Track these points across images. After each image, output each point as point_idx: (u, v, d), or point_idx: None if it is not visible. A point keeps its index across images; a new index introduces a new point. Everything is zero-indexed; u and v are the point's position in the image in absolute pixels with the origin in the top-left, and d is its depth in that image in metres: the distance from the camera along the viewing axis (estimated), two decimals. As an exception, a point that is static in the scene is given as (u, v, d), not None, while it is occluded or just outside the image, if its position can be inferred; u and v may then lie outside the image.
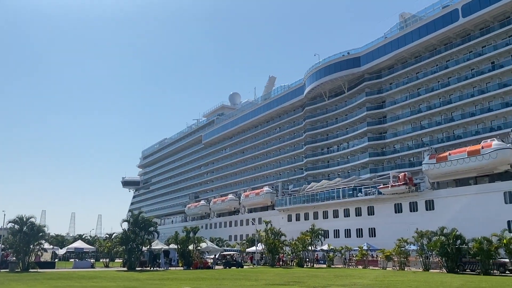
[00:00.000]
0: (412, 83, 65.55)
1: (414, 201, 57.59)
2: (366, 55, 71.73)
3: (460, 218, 48.75)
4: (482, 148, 48.99)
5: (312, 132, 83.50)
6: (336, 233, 68.70)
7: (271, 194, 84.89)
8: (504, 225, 43.45)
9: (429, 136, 61.95)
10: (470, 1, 56.38)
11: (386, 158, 67.78)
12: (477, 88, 57.17)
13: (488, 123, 55.28)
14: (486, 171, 49.86)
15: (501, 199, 47.91)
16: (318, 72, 78.51)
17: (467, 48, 58.96)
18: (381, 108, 70.40)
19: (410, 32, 64.68)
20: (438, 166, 53.38)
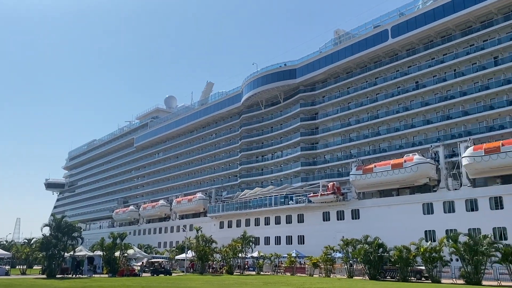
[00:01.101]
0: (344, 97, 68.51)
1: (341, 210, 59.93)
2: (301, 67, 73.94)
3: (383, 227, 51.31)
4: (405, 161, 52.17)
5: (248, 139, 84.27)
6: (266, 240, 69.55)
7: (204, 200, 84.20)
8: (422, 235, 46.60)
9: (357, 148, 64.98)
10: (399, 23, 60.28)
11: (317, 168, 70.06)
12: (402, 105, 60.98)
13: (411, 139, 59.08)
14: (408, 183, 53.11)
15: (420, 210, 51.24)
16: (256, 81, 79.59)
17: (394, 67, 62.82)
18: (314, 119, 72.77)
19: (343, 48, 67.67)
20: (364, 177, 56.00)
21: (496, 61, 52.20)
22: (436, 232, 47.75)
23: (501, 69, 51.08)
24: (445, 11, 55.08)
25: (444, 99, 55.93)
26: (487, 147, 45.05)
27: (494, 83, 51.82)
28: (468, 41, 55.06)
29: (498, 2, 51.01)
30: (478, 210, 46.23)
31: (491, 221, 44.54)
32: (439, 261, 37.69)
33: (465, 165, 46.84)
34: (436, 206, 49.82)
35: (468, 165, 46.30)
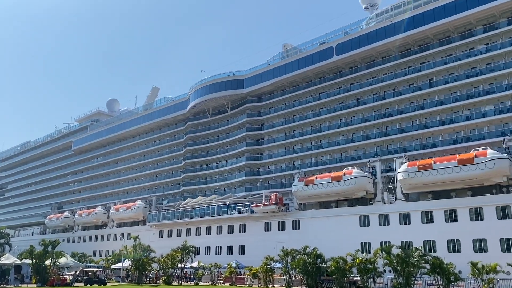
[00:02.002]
0: (289, 110, 69.95)
1: (283, 221, 60.68)
2: (249, 78, 74.67)
3: (322, 238, 52.45)
4: (344, 174, 53.93)
5: (193, 147, 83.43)
6: (207, 250, 68.78)
7: (144, 208, 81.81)
8: (358, 246, 48.16)
9: (300, 160, 66.40)
10: (343, 42, 62.75)
11: (261, 178, 70.68)
12: (343, 120, 63.24)
13: (350, 153, 61.31)
14: (346, 195, 54.85)
15: (357, 222, 52.99)
16: (203, 88, 79.23)
17: (338, 84, 65.12)
18: (260, 130, 73.56)
19: (290, 62, 69.27)
20: (306, 189, 57.19)
21: (431, 83, 55.68)
22: (372, 244, 49.51)
23: (435, 91, 54.52)
24: (386, 33, 58.13)
25: (383, 116, 58.72)
26: (420, 163, 47.63)
27: (428, 103, 55.15)
28: (406, 62, 58.33)
29: (434, 29, 54.53)
30: (410, 224, 48.58)
31: (422, 234, 46.92)
32: (373, 272, 39.16)
33: (400, 180, 49.20)
34: (372, 219, 51.77)
35: (403, 180, 48.67)
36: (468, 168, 43.81)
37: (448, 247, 45.03)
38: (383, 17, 60.83)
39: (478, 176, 43.56)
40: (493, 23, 51.76)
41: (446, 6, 53.14)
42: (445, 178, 45.33)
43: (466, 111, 51.90)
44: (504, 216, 42.47)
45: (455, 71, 53.84)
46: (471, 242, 43.65)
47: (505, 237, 41.72)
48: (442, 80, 54.49)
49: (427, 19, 54.50)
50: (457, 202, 46.07)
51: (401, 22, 56.86)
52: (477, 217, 44.14)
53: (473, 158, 43.85)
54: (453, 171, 44.70)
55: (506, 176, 42.82)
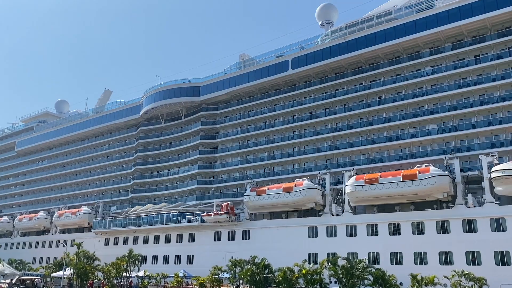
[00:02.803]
0: (244, 120, 70.33)
1: (233, 230, 60.54)
2: (206, 86, 74.45)
3: (271, 248, 52.85)
4: (295, 186, 54.74)
5: (144, 153, 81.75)
6: (154, 259, 67.24)
7: (90, 214, 78.84)
8: (306, 257, 48.85)
9: (253, 170, 66.75)
10: (299, 56, 64.18)
11: (213, 187, 70.30)
12: (296, 132, 64.38)
13: (302, 164, 62.39)
14: (297, 206, 55.64)
15: (306, 233, 53.83)
16: (158, 94, 78.06)
17: (292, 96, 66.31)
18: (214, 138, 73.34)
19: (247, 73, 69.85)
20: (257, 199, 57.48)
21: (380, 101, 57.97)
22: (319, 255, 50.35)
23: (384, 108, 56.77)
24: (339, 50, 60.05)
25: (334, 130, 60.36)
26: (367, 177, 49.26)
27: (377, 120, 57.32)
28: (357, 79, 60.43)
29: (384, 49, 56.98)
30: (356, 236, 49.97)
31: (367, 246, 48.40)
32: (319, 283, 39.86)
33: (348, 193, 50.61)
34: (320, 230, 52.78)
35: (350, 193, 50.09)
36: (411, 184, 45.79)
37: (391, 259, 46.69)
38: (337, 34, 62.82)
39: (421, 192, 45.62)
40: (438, 47, 54.83)
41: (397, 28, 55.77)
42: (390, 193, 47.13)
43: (411, 129, 54.38)
44: (443, 231, 44.69)
45: (402, 90, 56.39)
46: (412, 254, 45.52)
47: (443, 250, 43.85)
48: (391, 98, 56.89)
49: (379, 39, 56.88)
50: (400, 216, 47.99)
51: (354, 41, 58.98)
52: (418, 231, 46.16)
53: (416, 174, 45.91)
54: (397, 186, 46.56)
55: (446, 192, 45.09)
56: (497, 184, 42.19)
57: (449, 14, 52.24)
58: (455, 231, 43.96)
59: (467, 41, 52.93)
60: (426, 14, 54.21)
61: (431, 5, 55.04)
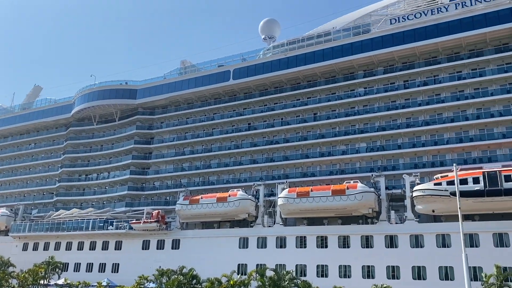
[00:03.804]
0: (182, 126, 69.41)
1: (162, 239, 59.07)
2: (143, 89, 72.68)
3: (202, 258, 52.32)
4: (229, 196, 54.69)
5: (73, 155, 77.85)
6: (77, 267, 63.78)
7: (8, 217, 73.25)
8: (235, 267, 48.75)
9: (187, 178, 65.85)
10: (240, 67, 64.84)
11: (145, 194, 68.40)
12: (234, 143, 64.62)
13: (238, 175, 62.58)
14: (230, 217, 55.53)
15: (237, 244, 53.84)
16: (92, 94, 74.96)
17: (232, 107, 66.63)
18: (148, 144, 71.56)
19: (187, 79, 69.20)
20: (190, 208, 56.69)
21: (315, 117, 59.86)
22: (248, 266, 50.51)
23: (318, 125, 58.67)
24: (280, 65, 61.50)
25: (270, 143, 61.33)
26: (299, 190, 50.44)
27: (311, 135, 59.07)
28: (295, 95, 62.07)
29: (322, 68, 59.18)
30: (286, 247, 50.77)
31: (296, 258, 49.29)
32: (247, 294, 39.83)
33: (280, 205, 51.43)
34: (251, 241, 53.02)
35: (282, 205, 50.96)
36: (340, 198, 47.52)
37: (317, 271, 47.87)
38: (279, 50, 64.30)
39: (348, 207, 47.44)
40: (372, 70, 57.88)
41: (334, 49, 58.23)
42: (320, 206, 48.56)
43: (343, 146, 56.64)
44: (367, 245, 46.68)
45: (336, 108, 58.70)
46: (337, 267, 47.03)
47: (366, 264, 45.75)
48: (325, 115, 58.95)
49: (317, 58, 59.00)
50: (328, 229, 49.51)
51: (294, 57, 60.69)
52: (344, 244, 47.83)
53: (345, 190, 47.76)
54: (327, 200, 48.12)
55: (372, 208, 47.27)
56: (417, 202, 44.95)
57: (383, 40, 55.45)
58: (378, 246, 46.06)
59: (397, 67, 56.40)
60: (362, 38, 57.16)
61: (368, 30, 58.12)
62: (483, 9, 50.96)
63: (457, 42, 52.41)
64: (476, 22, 50.71)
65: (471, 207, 40.94)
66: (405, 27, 54.57)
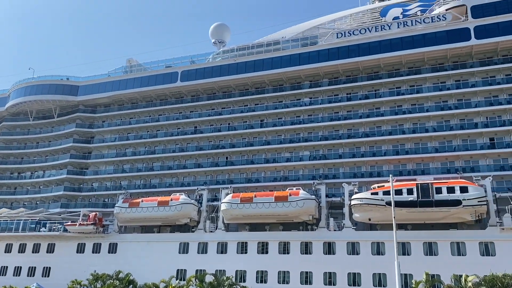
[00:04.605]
0: (124, 127, 67.41)
1: (99, 243, 56.85)
2: (85, 86, 69.92)
3: (140, 263, 50.94)
4: (171, 200, 53.75)
5: (4, 151, 73.05)
6: (3, 271, 59.84)
7: None
8: (174, 273, 48.02)
9: (128, 180, 63.91)
10: (189, 70, 64.29)
11: (82, 195, 65.55)
12: (179, 145, 63.66)
13: (181, 179, 61.63)
14: (171, 221, 54.52)
15: (177, 249, 52.94)
16: (29, 88, 70.98)
17: (178, 109, 65.78)
18: (88, 143, 68.77)
19: (133, 78, 67.47)
20: (130, 211, 55.03)
21: (262, 124, 60.49)
22: (188, 271, 49.76)
23: (265, 131, 59.29)
24: (229, 70, 61.68)
25: (216, 147, 61.12)
26: (243, 196, 50.60)
27: (257, 141, 59.54)
28: (243, 101, 62.41)
29: (270, 76, 60.16)
30: (227, 253, 50.62)
31: (236, 264, 49.21)
32: (185, 300, 39.24)
33: (223, 210, 51.29)
34: (191, 246, 52.37)
35: (225, 211, 50.85)
36: (282, 205, 48.22)
37: (257, 277, 48.16)
38: (228, 55, 64.46)
39: (290, 213, 48.24)
40: (317, 81, 59.50)
41: (283, 58, 59.40)
42: (263, 212, 48.97)
43: (287, 153, 57.59)
44: (306, 252, 47.66)
45: (283, 116, 59.69)
46: (277, 273, 47.58)
47: (305, 270, 46.68)
48: (272, 122, 59.74)
49: (266, 65, 59.82)
50: (269, 235, 50.04)
51: (243, 64, 61.11)
52: (284, 250, 48.53)
53: (287, 196, 48.56)
54: (270, 206, 48.65)
55: (312, 215, 48.40)
56: (355, 211, 46.61)
57: (329, 53, 57.29)
58: (316, 252, 47.19)
59: (341, 79, 58.43)
60: (309, 49, 58.72)
61: (315, 42, 59.80)
62: (423, 29, 54.18)
63: (397, 59, 55.24)
64: (415, 41, 53.79)
65: (404, 216, 43.05)
66: (350, 41, 56.74)
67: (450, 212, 42.62)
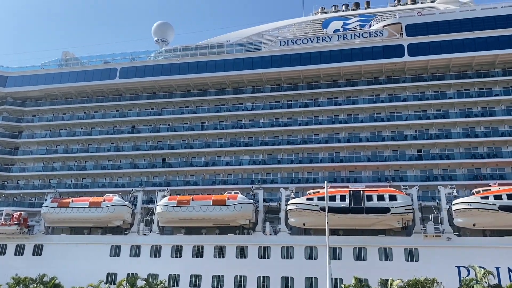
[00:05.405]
0: (56, 122, 64.09)
1: (22, 244, 53.36)
2: (15, 77, 65.63)
3: (67, 266, 48.68)
4: (104, 201, 51.73)
5: None
6: None
7: None
8: (104, 277, 46.15)
9: (58, 179, 60.65)
10: (129, 67, 62.53)
11: (6, 193, 61.03)
12: (114, 144, 61.33)
13: (115, 179, 59.45)
14: (103, 223, 52.40)
15: (108, 252, 50.93)
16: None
17: (115, 106, 63.64)
18: (15, 138, 64.40)
19: (69, 72, 64.41)
20: (58, 211, 52.25)
21: (203, 126, 60.01)
22: (119, 275, 47.77)
23: (205, 134, 58.92)
24: (171, 70, 60.73)
25: (154, 148, 59.74)
26: (180, 199, 49.82)
27: (198, 144, 58.99)
28: (185, 102, 61.62)
29: (213, 78, 59.96)
30: (160, 257, 49.44)
31: (170, 268, 48.14)
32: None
33: (158, 213, 50.15)
34: (124, 249, 50.63)
35: (161, 213, 49.76)
36: (220, 209, 48.10)
37: (190, 281, 47.52)
38: (171, 54, 63.41)
39: (227, 217, 48.19)
40: (260, 87, 60.16)
41: (226, 62, 59.51)
42: (200, 216, 48.51)
43: (227, 157, 57.53)
44: (242, 256, 47.81)
45: (224, 120, 59.64)
46: (211, 277, 47.23)
47: (239, 274, 46.73)
48: (213, 125, 59.49)
49: (209, 68, 59.59)
50: (205, 239, 49.65)
51: (186, 64, 60.46)
52: (220, 254, 48.31)
53: (225, 200, 48.50)
54: (207, 209, 48.33)
55: (249, 219, 48.64)
56: (291, 215, 47.49)
57: (272, 59, 58.25)
58: (251, 256, 47.45)
59: (283, 86, 59.52)
60: (253, 54, 59.36)
61: (259, 48, 60.56)
62: (361, 43, 56.70)
63: (336, 71, 57.31)
64: (354, 54, 56.16)
65: (337, 222, 44.55)
66: (293, 50, 58.04)
67: (379, 218, 44.74)
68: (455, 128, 52.48)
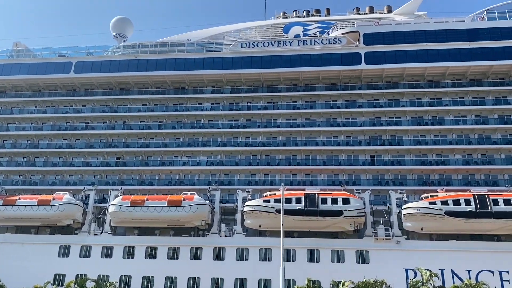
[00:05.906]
0: (4, 116, 61.34)
1: (-39, 244, 50.31)
2: (-43, 67, 61.87)
3: (11, 267, 46.55)
4: (54, 199, 49.77)
5: None
6: None
7: None
8: (51, 278, 44.36)
9: (4, 175, 57.66)
10: (85, 61, 60.80)
11: None
12: (66, 141, 59.32)
13: (67, 177, 57.26)
14: (52, 222, 50.39)
15: (56, 252, 48.99)
16: None
17: (69, 101, 61.49)
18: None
19: (19, 64, 61.71)
20: (3, 209, 49.74)
21: (160, 125, 59.09)
22: (67, 277, 46.21)
23: (162, 133, 57.93)
24: (129, 66, 59.43)
25: (108, 146, 58.08)
26: (133, 199, 48.73)
27: (154, 143, 57.90)
28: (142, 99, 60.41)
29: (172, 77, 59.15)
30: (112, 258, 48.12)
31: (122, 269, 46.97)
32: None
33: (111, 213, 48.81)
34: (73, 250, 48.92)
35: (113, 213, 48.46)
36: (175, 209, 47.44)
37: (143, 282, 46.61)
38: (129, 50, 62.02)
39: (182, 218, 47.59)
40: (220, 87, 60.01)
41: (186, 60, 58.99)
42: (154, 216, 47.63)
43: (184, 157, 56.85)
44: (196, 257, 47.37)
45: (183, 119, 58.94)
46: (164, 279, 46.48)
47: (193, 276, 46.27)
48: (170, 124, 58.65)
49: (168, 66, 58.83)
50: (158, 240, 48.83)
51: (145, 61, 59.39)
52: (173, 256, 47.65)
53: (181, 201, 47.93)
54: (162, 210, 47.54)
55: (205, 221, 48.34)
56: (247, 217, 47.63)
57: (233, 61, 58.27)
58: (206, 258, 47.14)
59: (243, 88, 59.66)
60: (214, 55, 59.19)
61: (220, 49, 60.41)
62: (320, 50, 57.84)
63: (295, 75, 58.16)
64: (313, 60, 57.25)
65: (292, 224, 45.10)
66: (254, 53, 58.32)
67: (333, 221, 45.74)
68: (406, 135, 54.56)
